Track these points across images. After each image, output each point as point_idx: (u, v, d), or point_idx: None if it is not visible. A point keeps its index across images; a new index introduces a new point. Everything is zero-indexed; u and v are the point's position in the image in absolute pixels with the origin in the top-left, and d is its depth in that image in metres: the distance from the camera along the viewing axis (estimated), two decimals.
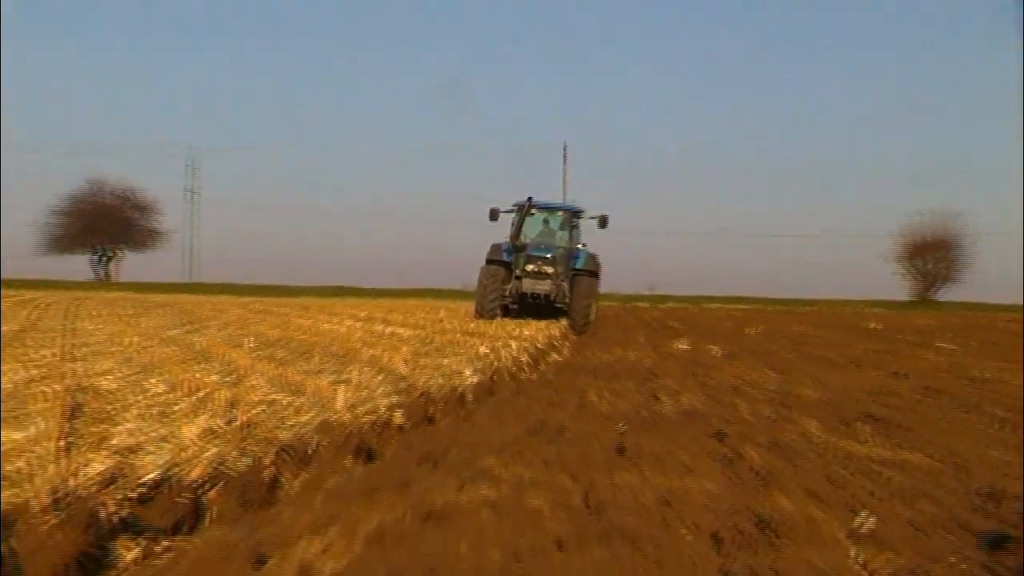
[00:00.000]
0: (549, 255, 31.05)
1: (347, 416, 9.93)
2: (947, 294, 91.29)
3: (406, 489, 6.37)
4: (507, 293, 31.11)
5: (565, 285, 30.90)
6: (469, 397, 12.36)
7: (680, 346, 21.42)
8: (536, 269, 30.71)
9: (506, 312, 31.32)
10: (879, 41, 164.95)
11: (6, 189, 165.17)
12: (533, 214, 33.35)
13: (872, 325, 33.57)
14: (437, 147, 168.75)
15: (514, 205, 32.92)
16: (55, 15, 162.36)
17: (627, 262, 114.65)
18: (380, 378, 12.61)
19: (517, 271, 31.43)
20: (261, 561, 5.03)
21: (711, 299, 72.39)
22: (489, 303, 30.47)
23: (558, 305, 30.92)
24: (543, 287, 30.50)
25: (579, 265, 31.79)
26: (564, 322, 29.74)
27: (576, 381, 13.17)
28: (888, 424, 9.31)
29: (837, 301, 72.37)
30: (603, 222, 33.43)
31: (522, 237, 32.44)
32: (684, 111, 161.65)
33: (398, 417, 10.18)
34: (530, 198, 32.58)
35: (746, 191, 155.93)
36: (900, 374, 15.24)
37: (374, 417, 9.90)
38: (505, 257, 31.67)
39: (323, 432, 8.99)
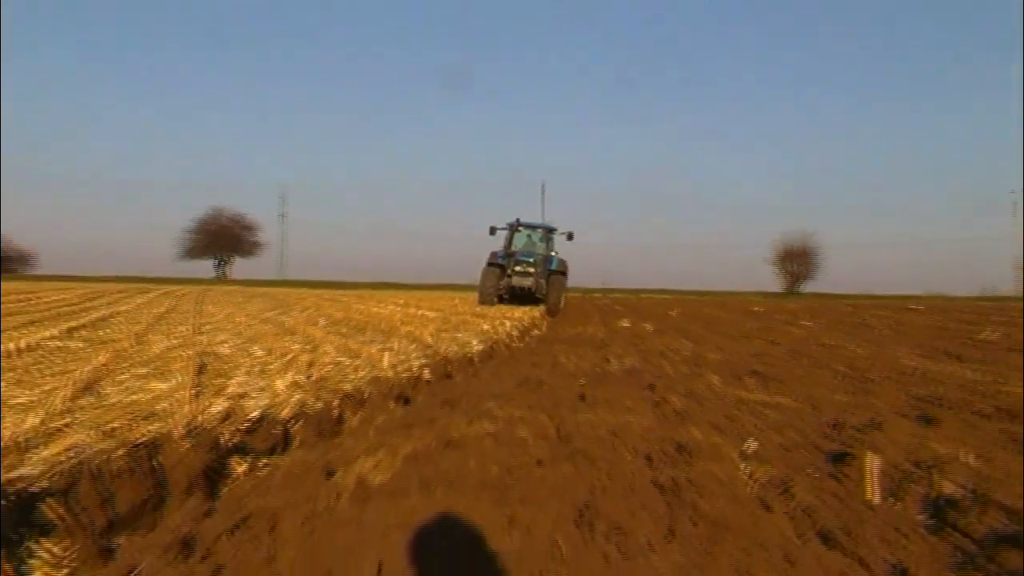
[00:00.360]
0: (531, 260, 32.68)
1: (390, 373, 9.91)
2: (806, 287, 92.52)
3: (432, 424, 6.36)
4: (501, 287, 32.52)
5: (543, 282, 32.33)
6: (476, 360, 12.35)
7: (623, 324, 21.37)
8: (522, 270, 32.39)
9: (500, 301, 32.50)
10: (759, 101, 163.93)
11: (156, 216, 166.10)
12: (520, 230, 35.52)
13: (756, 308, 33.57)
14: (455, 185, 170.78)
15: (507, 224, 35.22)
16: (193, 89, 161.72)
17: (587, 265, 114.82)
18: (413, 347, 12.59)
19: (508, 271, 32.71)
20: (331, 474, 5.02)
21: (645, 291, 72.49)
22: (487, 295, 32.08)
23: (538, 296, 32.17)
24: (527, 282, 32.06)
25: (553, 267, 33.38)
26: (543, 308, 30.34)
27: (551, 349, 13.15)
28: (766, 377, 9.31)
29: (732, 292, 72.64)
30: (570, 237, 35.63)
31: (512, 247, 34.57)
32: (629, 158, 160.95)
33: (426, 374, 10.18)
34: (518, 219, 35.33)
35: (670, 215, 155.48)
36: (774, 343, 15.24)
37: (409, 374, 9.90)
38: (500, 261, 33.25)
39: (373, 384, 8.97)
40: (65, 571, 4.07)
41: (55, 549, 4.24)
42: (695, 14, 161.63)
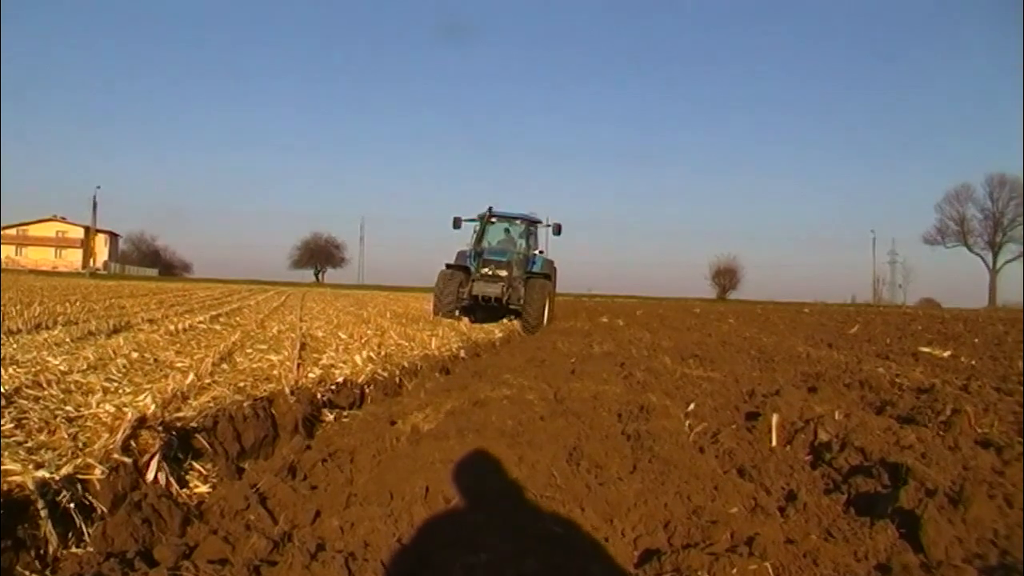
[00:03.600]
0: (504, 259, 19.63)
1: (436, 352, 9.92)
2: (732, 295, 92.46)
3: (465, 389, 6.37)
4: (462, 296, 19.35)
5: (520, 288, 19.36)
6: (497, 344, 12.38)
7: (603, 320, 21.34)
8: (490, 272, 19.45)
9: (465, 313, 19.09)
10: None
11: (274, 237, 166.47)
12: (493, 222, 21.44)
13: (697, 310, 33.43)
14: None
15: (477, 216, 21.25)
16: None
17: (577, 275, 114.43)
18: (453, 334, 12.57)
19: (473, 275, 19.71)
20: (393, 422, 5.03)
21: (618, 296, 72.02)
22: (444, 304, 19.17)
23: (512, 307, 19.18)
24: (492, 290, 18.98)
25: (536, 269, 20.39)
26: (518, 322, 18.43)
27: (551, 337, 13.19)
28: (703, 359, 9.29)
29: (680, 298, 72.24)
30: (557, 230, 21.38)
31: (483, 243, 20.92)
32: (617, 187, 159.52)
33: (462, 353, 10.20)
34: (490, 208, 20.92)
35: (639, 239, 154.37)
36: (709, 335, 15.20)
37: (450, 352, 9.90)
38: (466, 262, 20.25)
39: (424, 360, 8.98)
40: (210, 483, 4.11)
41: (203, 468, 4.28)
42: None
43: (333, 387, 6.56)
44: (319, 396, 6.22)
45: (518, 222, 21.00)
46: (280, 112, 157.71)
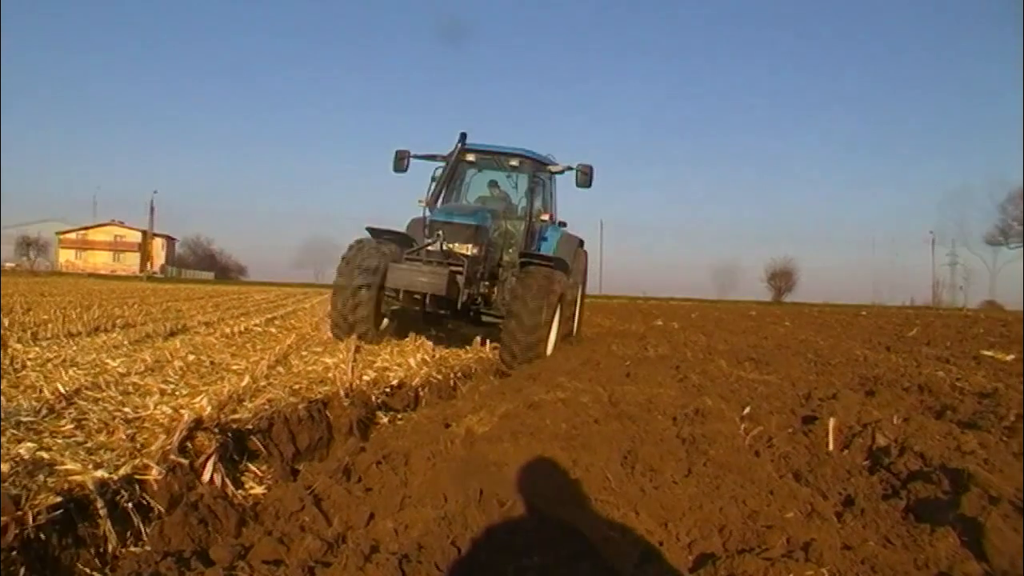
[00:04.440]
0: (472, 222, 10.42)
1: (490, 355, 9.97)
2: (788, 298, 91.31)
3: (519, 392, 6.38)
4: (392, 295, 10.21)
5: (512, 279, 10.85)
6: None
7: (658, 323, 21.14)
8: (437, 248, 10.04)
9: (394, 317, 11.07)
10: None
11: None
12: (471, 162, 12.12)
13: (752, 313, 32.90)
14: None
15: (439, 156, 11.65)
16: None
17: (631, 278, 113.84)
18: None
19: (408, 254, 10.32)
20: (447, 425, 5.07)
21: (674, 299, 71.34)
22: (351, 315, 10.18)
23: (485, 316, 11.05)
24: (423, 280, 9.58)
25: (548, 249, 11.72)
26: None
27: (605, 340, 13.08)
28: (758, 362, 9.16)
29: (736, 301, 71.33)
30: (584, 177, 11.59)
31: (456, 200, 12.09)
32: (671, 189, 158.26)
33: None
34: (463, 137, 11.29)
35: (695, 241, 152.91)
36: (765, 337, 14.97)
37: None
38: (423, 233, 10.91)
39: (478, 363, 9.05)
40: (265, 485, 4.20)
41: (258, 469, 4.37)
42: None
43: (387, 390, 6.65)
44: (374, 399, 6.31)
45: (515, 161, 11.59)
46: (343, 115, 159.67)
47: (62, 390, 5.06)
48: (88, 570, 2.96)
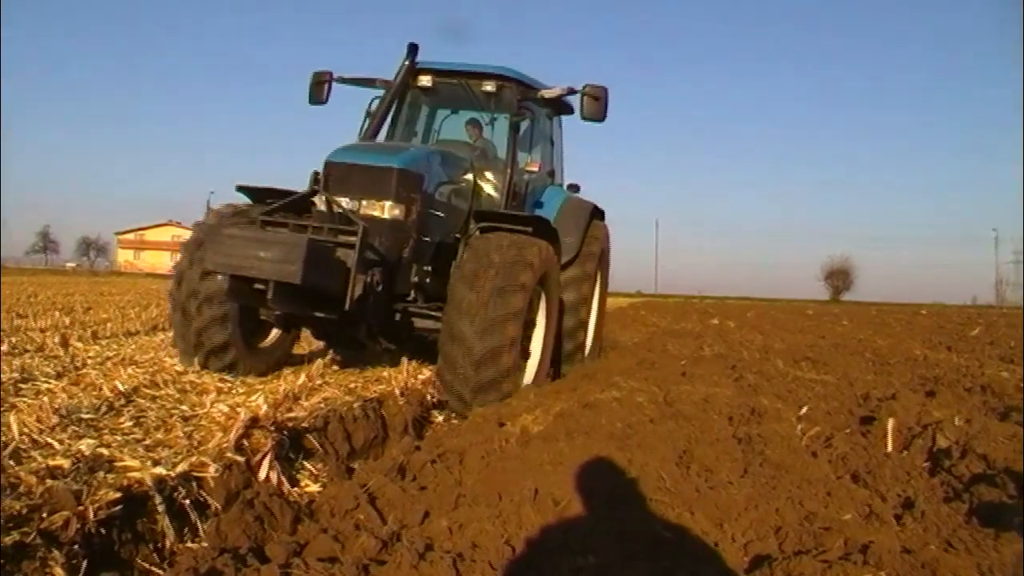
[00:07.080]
0: (391, 165, 5.96)
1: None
2: (846, 296, 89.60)
3: (574, 391, 6.41)
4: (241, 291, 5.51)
5: (463, 252, 6.43)
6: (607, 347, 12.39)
7: (713, 322, 20.89)
8: (324, 209, 5.92)
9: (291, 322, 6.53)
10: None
11: None
12: (426, 87, 7.34)
13: (809, 312, 32.25)
14: None
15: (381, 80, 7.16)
16: None
17: (687, 276, 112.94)
18: None
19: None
20: (502, 424, 5.11)
21: (730, 298, 70.47)
22: (188, 335, 6.12)
23: (419, 321, 6.56)
24: (262, 255, 5.07)
25: (550, 213, 7.60)
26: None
27: (661, 340, 13.02)
28: (815, 361, 9.04)
29: (791, 299, 70.23)
30: (595, 104, 6.95)
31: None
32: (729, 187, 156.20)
33: None
34: (413, 47, 7.05)
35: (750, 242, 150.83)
36: (822, 337, 14.75)
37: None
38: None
39: None
40: (321, 483, 4.30)
41: (314, 467, 4.47)
42: None
43: None
44: (429, 397, 6.38)
45: (490, 86, 7.53)
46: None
47: (121, 388, 5.21)
48: (147, 565, 3.07)
